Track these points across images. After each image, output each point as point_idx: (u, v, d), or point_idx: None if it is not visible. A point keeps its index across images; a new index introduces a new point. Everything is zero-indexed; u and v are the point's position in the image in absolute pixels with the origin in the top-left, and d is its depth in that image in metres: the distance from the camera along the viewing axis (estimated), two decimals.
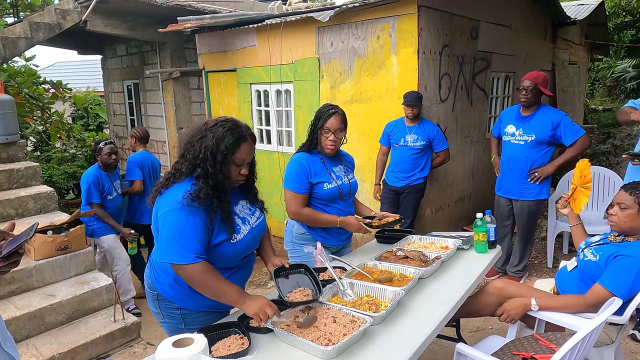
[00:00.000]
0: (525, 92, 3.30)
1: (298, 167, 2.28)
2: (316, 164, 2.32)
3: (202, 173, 1.61)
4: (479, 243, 2.36)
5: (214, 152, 1.60)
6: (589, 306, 1.91)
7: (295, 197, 2.28)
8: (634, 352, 2.73)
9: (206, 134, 1.63)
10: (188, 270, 1.56)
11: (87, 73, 15.31)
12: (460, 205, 4.89)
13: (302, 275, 1.87)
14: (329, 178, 2.32)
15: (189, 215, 1.56)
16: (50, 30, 5.04)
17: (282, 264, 1.86)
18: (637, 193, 1.98)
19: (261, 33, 4.85)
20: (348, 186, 2.41)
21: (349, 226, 2.31)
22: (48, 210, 3.71)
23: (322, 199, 2.33)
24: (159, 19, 5.45)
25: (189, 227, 1.56)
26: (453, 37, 4.20)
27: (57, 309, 2.98)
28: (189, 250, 1.55)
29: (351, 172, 2.49)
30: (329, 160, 2.38)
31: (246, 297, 1.62)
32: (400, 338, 1.58)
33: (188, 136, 1.68)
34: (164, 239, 1.58)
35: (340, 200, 2.38)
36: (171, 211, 1.58)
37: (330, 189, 2.32)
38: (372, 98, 4.13)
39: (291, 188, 2.29)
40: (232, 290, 1.63)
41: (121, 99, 7.54)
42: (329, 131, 2.25)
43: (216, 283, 1.60)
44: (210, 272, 1.59)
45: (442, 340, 2.78)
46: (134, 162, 4.06)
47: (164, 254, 1.58)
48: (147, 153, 4.21)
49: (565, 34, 7.34)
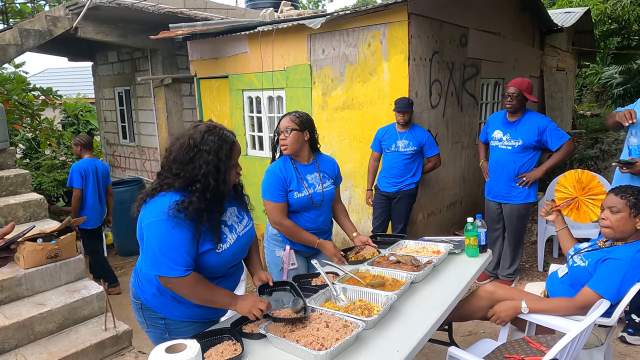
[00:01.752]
0: (511, 98, 3.36)
1: (274, 177, 2.31)
2: (290, 172, 2.34)
3: (200, 188, 1.57)
4: (470, 247, 2.39)
5: (216, 165, 1.59)
6: (578, 309, 1.93)
7: (276, 207, 2.31)
8: (624, 353, 2.76)
9: (200, 149, 1.58)
10: (177, 283, 1.56)
11: (78, 80, 15.23)
12: (452, 210, 4.93)
13: (286, 293, 1.86)
14: (300, 187, 2.33)
15: (175, 227, 1.53)
16: (40, 37, 5.01)
17: (268, 280, 1.85)
18: (628, 196, 2.00)
19: (253, 40, 4.87)
20: (321, 195, 2.39)
21: (325, 250, 2.32)
22: (38, 218, 3.67)
23: (292, 207, 2.35)
24: (151, 26, 5.45)
25: (176, 239, 1.53)
26: (443, 44, 4.26)
27: (47, 317, 2.94)
28: (177, 264, 1.53)
29: (329, 179, 2.45)
30: (302, 167, 2.38)
31: (237, 299, 1.64)
32: (392, 342, 1.59)
33: (175, 154, 1.60)
34: (151, 251, 1.55)
35: (313, 208, 2.39)
36: (157, 222, 1.54)
37: (300, 198, 2.33)
38: (364, 104, 4.17)
39: (269, 198, 2.32)
40: (222, 295, 1.64)
41: (112, 105, 7.51)
42: (281, 132, 2.35)
43: (206, 291, 1.60)
44: (199, 282, 1.59)
45: (435, 345, 2.79)
46: (77, 170, 4.32)
47: (151, 265, 1.56)
48: (92, 160, 4.45)
49: (552, 41, 7.47)
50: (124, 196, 5.64)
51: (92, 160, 4.47)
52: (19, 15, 6.65)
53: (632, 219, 1.98)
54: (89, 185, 4.41)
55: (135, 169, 7.32)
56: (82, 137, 4.54)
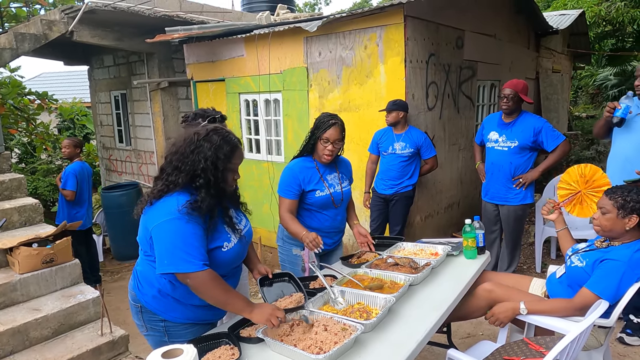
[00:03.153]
0: (507, 99, 3.37)
1: (290, 175, 2.38)
2: (311, 171, 2.39)
3: (203, 183, 1.60)
4: (468, 249, 2.38)
5: (214, 162, 1.61)
6: (577, 310, 1.93)
7: (282, 202, 2.40)
8: (622, 354, 2.76)
9: (202, 144, 1.61)
10: (196, 277, 1.54)
11: (74, 84, 15.18)
12: (450, 212, 4.93)
13: (286, 284, 1.90)
14: (322, 186, 2.39)
15: (188, 222, 1.55)
16: (36, 41, 5.00)
17: (267, 272, 1.89)
18: (617, 198, 2.02)
19: (249, 43, 4.87)
20: (340, 194, 2.46)
21: (307, 241, 2.25)
22: (33, 223, 3.64)
23: (314, 206, 2.42)
24: (147, 29, 5.44)
25: (191, 234, 1.54)
26: (439, 46, 4.27)
27: (42, 323, 2.91)
28: (196, 258, 1.53)
29: (346, 180, 2.54)
30: (324, 167, 2.44)
31: (253, 307, 1.63)
32: (391, 345, 1.58)
33: (177, 147, 1.65)
34: (165, 250, 1.54)
35: (333, 207, 2.45)
36: (170, 221, 1.54)
37: (322, 196, 2.39)
38: (361, 107, 4.17)
39: (280, 193, 2.42)
40: (238, 299, 1.63)
41: (108, 109, 7.48)
42: (328, 141, 2.33)
43: (223, 291, 1.60)
44: (217, 279, 1.58)
45: (434, 347, 2.78)
46: (72, 173, 4.38)
47: (167, 264, 1.54)
48: (82, 163, 4.55)
49: (548, 43, 7.51)
50: (120, 200, 5.60)
51: (82, 163, 4.56)
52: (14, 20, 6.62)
53: (620, 219, 1.99)
54: (84, 189, 4.47)
55: (132, 172, 7.29)
56: (74, 140, 4.62)
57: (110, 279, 5.30)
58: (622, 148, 2.83)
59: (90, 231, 4.78)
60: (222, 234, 1.68)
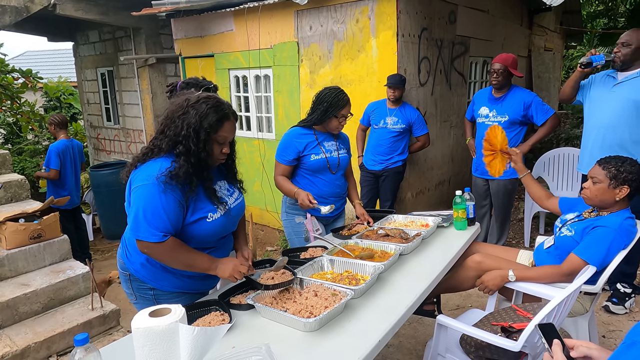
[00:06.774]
0: (496, 74, 3.36)
1: (287, 142, 2.44)
2: (308, 137, 2.44)
3: (183, 150, 1.55)
4: (458, 220, 2.39)
5: (196, 130, 1.55)
6: (564, 275, 1.95)
7: (278, 166, 2.48)
8: (607, 323, 2.82)
9: (188, 111, 1.56)
10: (154, 248, 1.53)
11: (59, 63, 14.83)
12: (440, 189, 4.95)
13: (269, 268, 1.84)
14: (318, 150, 2.43)
15: (162, 192, 1.51)
16: (17, 13, 4.84)
17: (249, 258, 1.79)
18: (610, 167, 2.02)
19: (239, 17, 4.76)
20: (337, 159, 2.50)
21: (299, 197, 2.31)
22: (20, 199, 3.59)
23: (310, 170, 2.46)
24: (133, 2, 5.29)
25: (160, 204, 1.51)
26: (432, 20, 4.21)
27: (31, 298, 2.89)
28: (157, 229, 1.51)
29: (343, 149, 2.57)
30: (321, 134, 2.47)
31: (217, 262, 1.63)
32: (381, 310, 1.59)
33: (168, 112, 1.61)
34: (134, 214, 1.53)
35: (329, 172, 2.48)
36: (145, 186, 1.52)
37: (317, 159, 2.43)
38: (352, 82, 4.12)
39: (277, 158, 2.49)
40: (201, 258, 1.62)
41: (95, 87, 7.32)
42: (344, 117, 2.40)
43: (184, 255, 1.59)
44: (177, 247, 1.57)
45: (424, 318, 2.82)
46: (55, 151, 4.25)
47: (132, 229, 1.54)
48: (67, 140, 4.40)
49: (540, 20, 7.45)
50: (109, 179, 5.54)
51: (68, 140, 4.41)
52: None
53: (611, 189, 2.00)
54: (67, 167, 4.35)
55: (120, 151, 7.20)
56: (57, 116, 4.46)
57: (100, 258, 5.28)
58: (601, 119, 2.85)
59: (78, 209, 4.71)
60: (207, 204, 1.64)
